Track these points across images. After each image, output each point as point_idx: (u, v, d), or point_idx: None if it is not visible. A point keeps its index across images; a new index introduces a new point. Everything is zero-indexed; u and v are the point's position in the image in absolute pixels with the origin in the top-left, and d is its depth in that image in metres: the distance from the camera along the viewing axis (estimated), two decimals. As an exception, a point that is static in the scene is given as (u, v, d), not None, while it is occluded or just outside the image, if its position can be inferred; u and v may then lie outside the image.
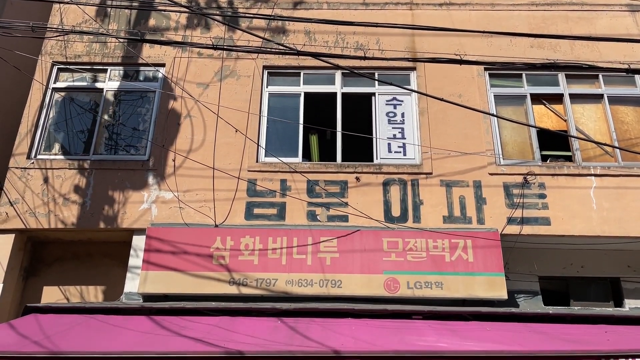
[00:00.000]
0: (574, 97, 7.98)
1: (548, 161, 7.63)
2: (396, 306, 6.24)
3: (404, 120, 7.90)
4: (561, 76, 8.06)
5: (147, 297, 6.72)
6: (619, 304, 7.17)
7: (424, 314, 6.02)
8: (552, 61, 7.70)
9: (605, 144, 7.07)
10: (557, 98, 8.02)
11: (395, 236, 7.05)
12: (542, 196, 7.23)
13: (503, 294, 6.66)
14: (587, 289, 7.27)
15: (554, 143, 7.94)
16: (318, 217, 7.26)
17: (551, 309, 6.49)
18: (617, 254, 7.26)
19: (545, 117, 7.95)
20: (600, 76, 8.02)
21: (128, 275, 6.98)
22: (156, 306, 6.06)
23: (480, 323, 5.69)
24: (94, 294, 7.22)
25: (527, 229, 7.06)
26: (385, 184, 7.43)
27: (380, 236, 7.04)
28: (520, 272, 7.16)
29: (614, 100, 7.95)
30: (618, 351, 4.43)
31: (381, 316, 6.00)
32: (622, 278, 7.16)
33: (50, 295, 7.17)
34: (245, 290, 6.73)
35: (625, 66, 7.03)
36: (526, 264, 7.22)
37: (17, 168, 7.42)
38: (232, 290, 6.74)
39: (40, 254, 7.46)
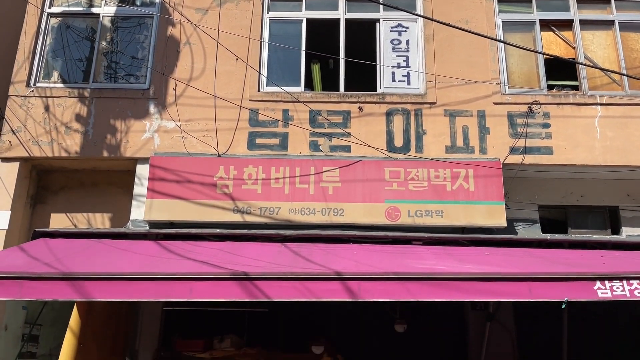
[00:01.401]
0: (584, 24, 7.74)
1: (554, 90, 7.52)
2: (397, 233, 6.36)
3: (408, 48, 7.72)
4: (572, 0, 7.79)
5: (153, 224, 6.85)
6: (616, 232, 7.29)
7: (424, 239, 6.15)
8: (565, -19, 7.43)
9: (613, 72, 6.93)
10: (567, 24, 7.78)
11: (397, 166, 7.08)
12: (546, 125, 7.19)
13: (502, 222, 6.78)
14: (585, 217, 7.38)
15: (561, 72, 7.78)
16: (320, 147, 7.26)
17: (549, 236, 6.61)
18: (618, 183, 7.30)
19: (553, 45, 7.75)
20: (612, 1, 7.74)
21: (133, 203, 7.09)
22: (162, 232, 6.20)
23: (478, 248, 5.83)
24: (100, 221, 7.35)
25: (529, 159, 7.08)
26: (389, 114, 7.37)
27: (382, 166, 7.07)
28: (520, 201, 7.23)
29: (625, 26, 7.72)
30: (614, 273, 4.55)
31: (382, 242, 6.14)
32: (620, 207, 7.25)
33: (58, 222, 7.30)
34: (249, 218, 6.85)
35: (640, -11, 6.78)
36: (526, 193, 7.29)
37: (17, 96, 7.36)
38: (236, 218, 6.86)
39: (46, 182, 7.54)
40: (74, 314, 5.41)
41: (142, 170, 7.15)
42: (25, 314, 7.40)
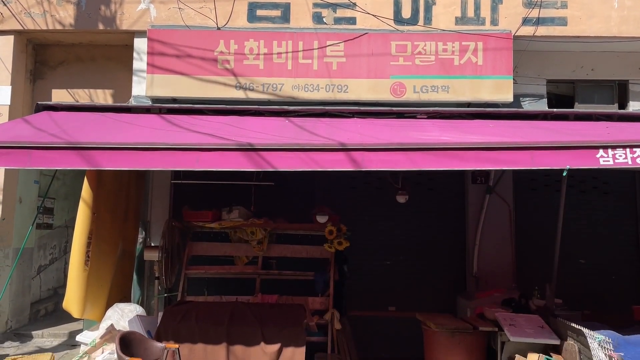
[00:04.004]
0: None
1: (575, -48, 7.03)
2: (402, 108, 6.31)
3: None
4: None
5: (156, 100, 6.81)
6: (623, 107, 7.24)
7: (429, 113, 6.12)
8: None
9: None
10: None
11: (404, 39, 6.87)
12: (563, -7, 6.84)
13: (509, 97, 6.73)
14: (593, 92, 7.28)
15: None
16: (324, 19, 6.98)
17: (555, 109, 6.55)
18: (630, 56, 7.11)
19: None
20: None
21: (134, 78, 6.99)
22: (166, 106, 6.17)
23: (483, 121, 5.80)
24: (102, 97, 7.30)
25: (542, 30, 6.82)
26: (397, -19, 6.98)
27: (389, 39, 6.87)
28: (528, 75, 7.10)
29: None
30: (617, 141, 4.54)
31: (386, 116, 6.11)
32: (631, 80, 7.12)
33: (59, 98, 7.26)
34: (252, 95, 6.79)
35: None
36: (535, 67, 7.15)
37: (1, -37, 6.95)
38: (239, 94, 6.81)
39: (43, 56, 7.37)
40: (85, 186, 5.56)
41: (141, 44, 6.95)
42: (37, 188, 7.65)
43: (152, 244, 6.88)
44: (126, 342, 4.77)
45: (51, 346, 7.18)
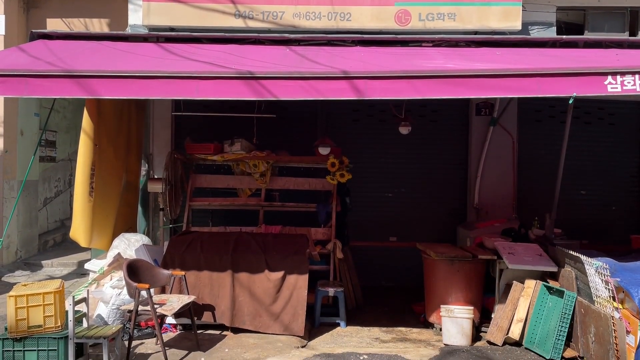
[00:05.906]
0: None
1: None
2: (406, 36, 6.13)
3: None
4: None
5: (153, 30, 6.62)
6: (634, 35, 7.01)
7: (434, 41, 5.95)
8: None
9: None
10: None
11: (410, -39, 6.58)
12: None
13: (517, 25, 6.53)
14: (604, 20, 7.04)
15: None
16: (326, -62, 6.65)
17: (564, 36, 6.36)
18: (647, -21, 6.82)
19: None
20: None
21: (130, 7, 6.77)
22: (163, 34, 6.01)
23: (490, 49, 5.64)
24: (98, 27, 7.11)
25: (555, -48, 6.51)
26: None
27: (394, -39, 6.58)
28: (538, 2, 6.83)
29: None
30: (626, 67, 4.42)
31: (390, 44, 5.94)
32: (644, 7, 6.88)
33: (54, 27, 7.10)
34: (252, 24, 6.61)
35: None
36: (546, -7, 6.88)
37: None
38: (239, 23, 6.63)
39: (35, -16, 7.13)
40: (85, 116, 5.51)
41: (135, -32, 6.68)
42: (38, 121, 7.61)
43: (155, 176, 6.92)
44: (133, 269, 4.89)
45: (61, 275, 7.39)
